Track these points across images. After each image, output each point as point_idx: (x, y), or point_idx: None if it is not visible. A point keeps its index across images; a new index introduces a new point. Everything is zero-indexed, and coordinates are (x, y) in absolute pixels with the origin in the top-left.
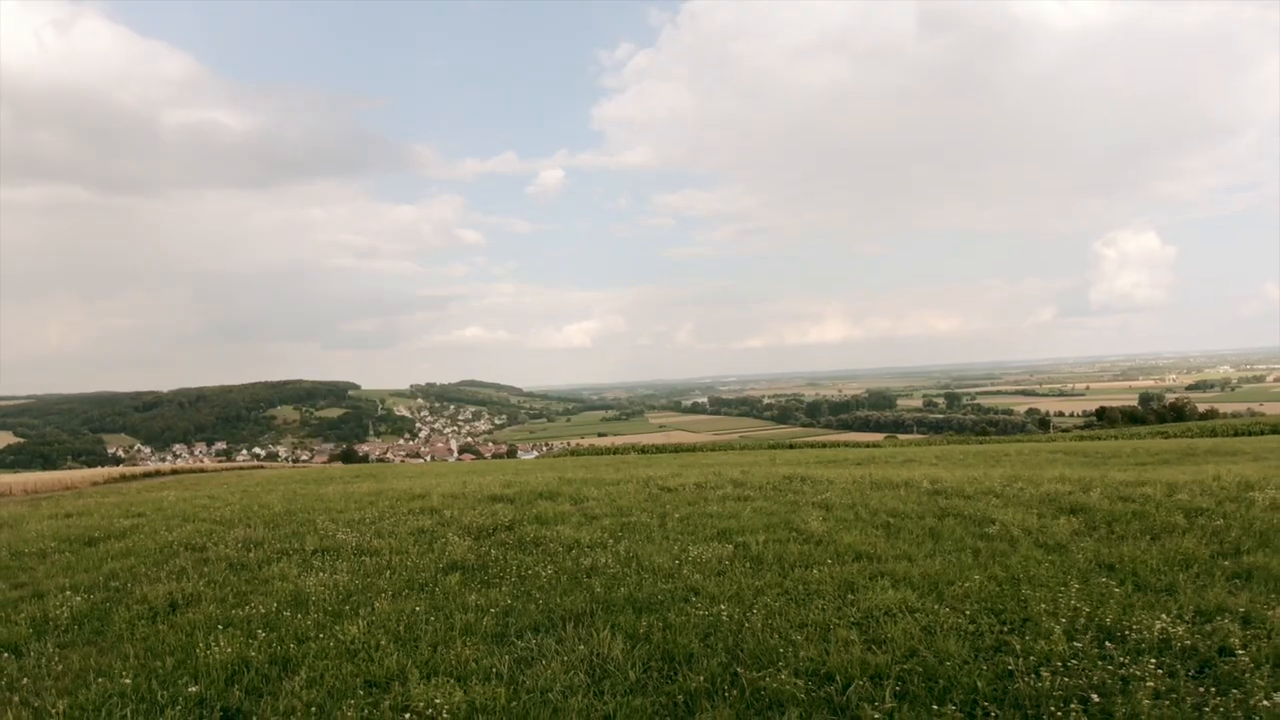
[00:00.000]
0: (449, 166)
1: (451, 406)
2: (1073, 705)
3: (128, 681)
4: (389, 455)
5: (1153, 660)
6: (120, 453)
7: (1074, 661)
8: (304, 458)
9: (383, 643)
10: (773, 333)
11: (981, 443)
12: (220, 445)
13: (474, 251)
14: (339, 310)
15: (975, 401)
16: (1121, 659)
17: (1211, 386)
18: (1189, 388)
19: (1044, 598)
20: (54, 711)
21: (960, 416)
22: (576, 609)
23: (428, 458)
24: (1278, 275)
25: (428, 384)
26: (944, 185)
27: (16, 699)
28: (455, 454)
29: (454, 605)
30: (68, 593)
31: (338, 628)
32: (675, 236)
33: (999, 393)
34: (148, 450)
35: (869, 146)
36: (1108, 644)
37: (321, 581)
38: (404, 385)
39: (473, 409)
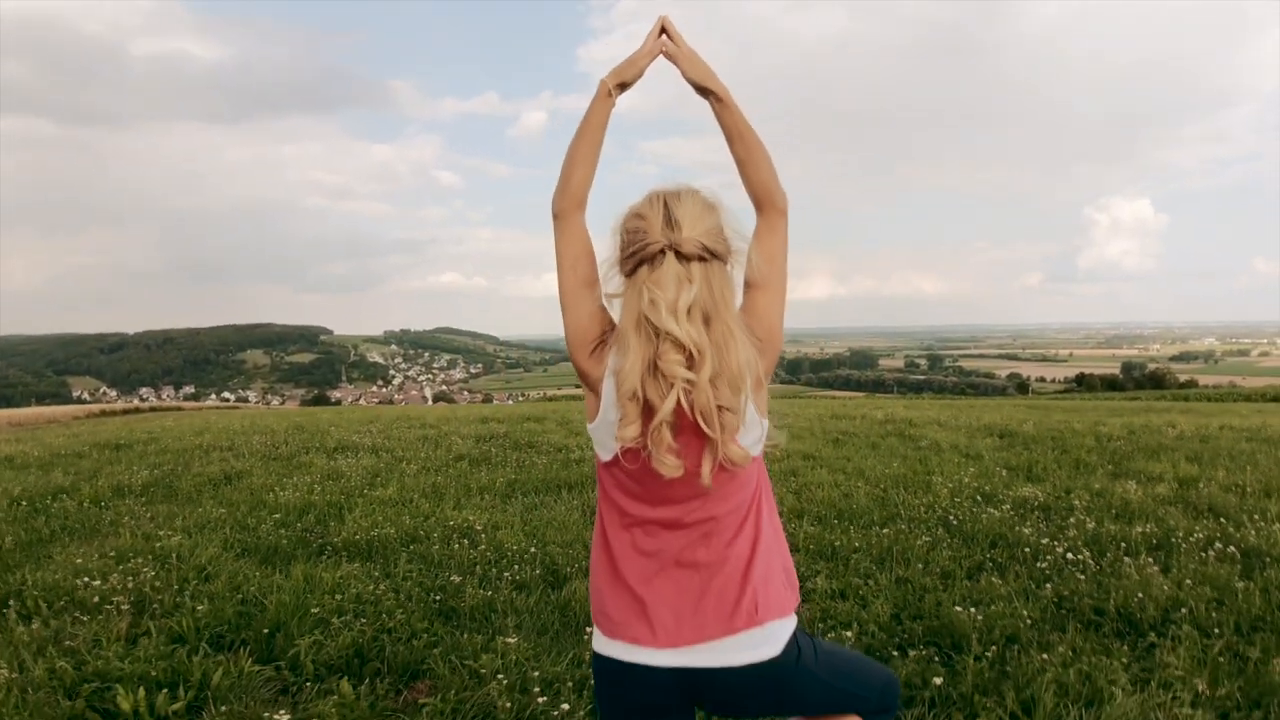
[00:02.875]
0: (428, 105)
1: (426, 354)
2: (938, 525)
3: (222, 511)
4: (362, 401)
5: (1008, 507)
6: (85, 395)
7: (950, 508)
8: (275, 403)
9: (415, 498)
10: None
11: (956, 400)
12: (188, 389)
13: (452, 194)
14: (311, 252)
15: (958, 364)
16: (987, 507)
17: (1195, 358)
18: (1172, 358)
19: (945, 480)
20: (163, 534)
21: (941, 378)
22: (570, 480)
23: (402, 404)
24: (1268, 250)
25: (402, 330)
26: (936, 144)
27: (125, 530)
28: (430, 401)
29: (468, 478)
30: (133, 468)
31: (375, 490)
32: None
33: (982, 356)
34: (114, 393)
35: (861, 101)
36: (980, 499)
37: (350, 465)
38: (378, 331)
39: (448, 357)
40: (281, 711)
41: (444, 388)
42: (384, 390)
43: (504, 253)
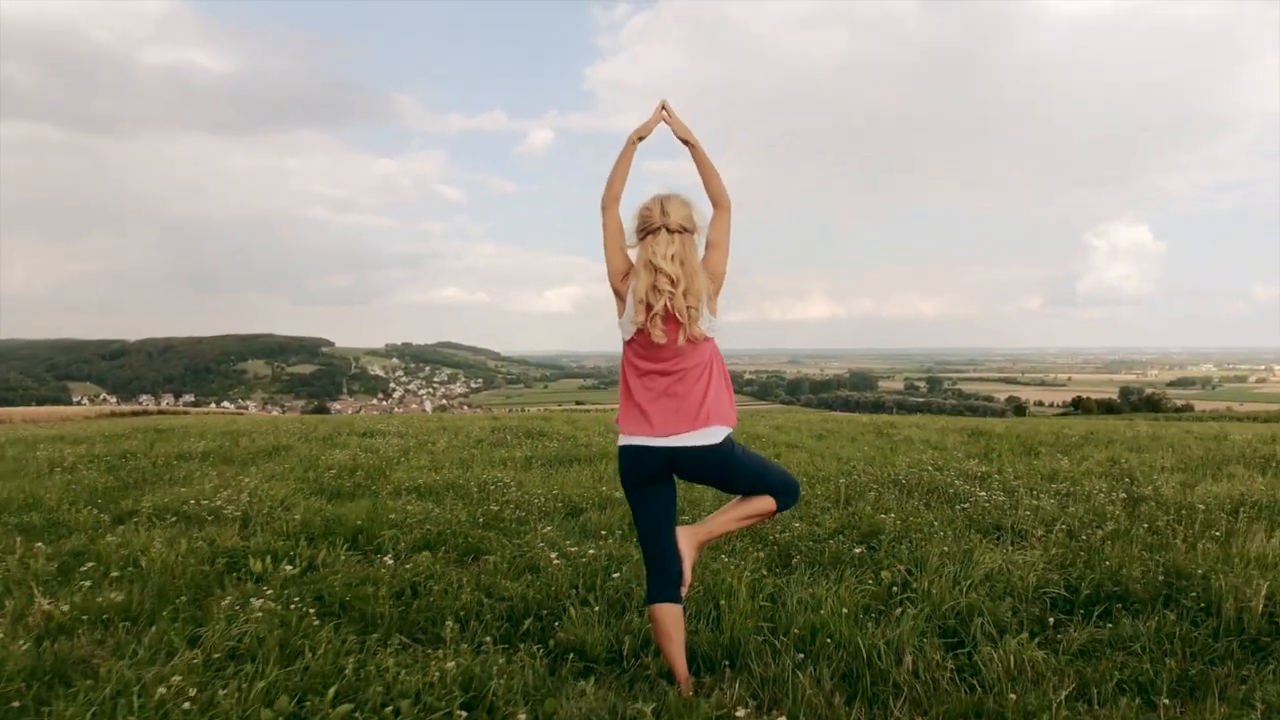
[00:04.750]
0: (433, 120)
1: (427, 368)
2: (889, 484)
3: (287, 466)
4: (363, 414)
5: (954, 474)
6: (86, 401)
7: (903, 474)
8: (275, 413)
9: (446, 465)
10: (755, 308)
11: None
12: (188, 397)
13: (454, 210)
14: (313, 263)
15: (957, 386)
16: (935, 472)
17: (1193, 384)
18: (1170, 384)
19: (905, 458)
20: (244, 478)
21: (940, 400)
22: (580, 457)
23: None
24: (1265, 276)
25: (403, 343)
26: (936, 166)
27: (208, 477)
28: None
29: (490, 454)
30: (190, 439)
31: (410, 460)
32: None
33: (981, 379)
34: (114, 400)
35: (862, 122)
36: (930, 467)
37: (383, 443)
38: (379, 344)
39: (449, 371)
40: (387, 558)
41: (444, 402)
42: (384, 403)
43: (506, 268)
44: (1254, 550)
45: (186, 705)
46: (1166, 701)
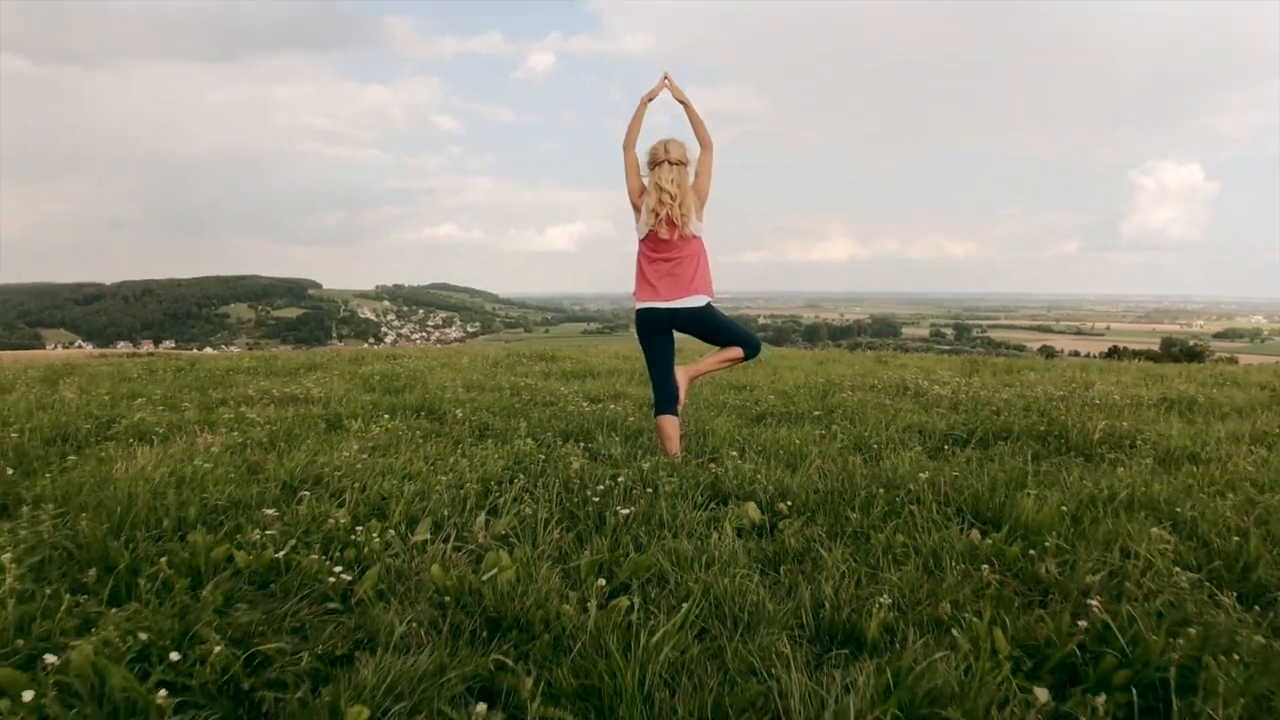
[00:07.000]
0: (427, 44)
1: (421, 311)
2: (865, 386)
3: (333, 375)
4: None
5: (924, 382)
6: (59, 349)
7: (879, 381)
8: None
9: (475, 374)
10: (773, 248)
11: None
12: (169, 343)
13: (450, 141)
14: (300, 201)
15: (986, 335)
16: (918, 385)
17: (1241, 336)
18: (1216, 335)
19: (892, 373)
20: (307, 383)
21: (968, 349)
22: (593, 373)
23: None
24: None
25: (395, 285)
26: (968, 103)
27: (257, 383)
28: None
29: (512, 369)
30: (224, 360)
31: (440, 372)
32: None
33: (1013, 327)
34: (90, 347)
35: (891, 55)
36: (910, 387)
37: (409, 364)
38: (369, 286)
39: (443, 314)
40: (457, 410)
41: (438, 347)
42: (375, 348)
43: (504, 204)
44: (1120, 416)
45: (359, 466)
46: (1002, 475)
